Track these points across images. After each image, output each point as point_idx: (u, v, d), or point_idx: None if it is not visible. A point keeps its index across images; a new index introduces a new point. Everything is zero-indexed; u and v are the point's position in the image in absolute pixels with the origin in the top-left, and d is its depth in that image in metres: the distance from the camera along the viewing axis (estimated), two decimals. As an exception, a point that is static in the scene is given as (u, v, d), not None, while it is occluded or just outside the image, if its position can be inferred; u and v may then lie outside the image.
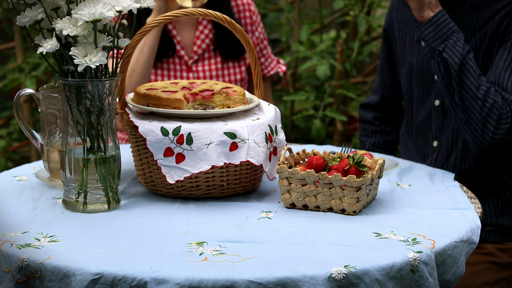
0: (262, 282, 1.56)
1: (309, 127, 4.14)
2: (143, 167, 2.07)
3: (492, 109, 2.31)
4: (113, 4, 1.86)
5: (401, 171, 2.29)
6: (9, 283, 1.67)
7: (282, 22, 4.31)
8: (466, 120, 2.34)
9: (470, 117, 2.34)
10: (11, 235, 1.78)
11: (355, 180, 1.90)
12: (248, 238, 1.78)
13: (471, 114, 2.33)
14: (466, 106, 2.33)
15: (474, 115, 2.33)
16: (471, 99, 2.32)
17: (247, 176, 2.06)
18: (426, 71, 2.55)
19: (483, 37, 2.44)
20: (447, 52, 2.33)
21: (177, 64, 2.85)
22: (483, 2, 2.45)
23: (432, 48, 2.34)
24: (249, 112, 2.11)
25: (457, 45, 2.33)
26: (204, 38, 2.87)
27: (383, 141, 2.80)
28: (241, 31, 2.04)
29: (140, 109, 2.06)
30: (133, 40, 1.96)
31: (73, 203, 1.94)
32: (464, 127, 2.36)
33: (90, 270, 1.60)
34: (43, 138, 2.15)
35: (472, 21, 2.46)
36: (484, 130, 2.33)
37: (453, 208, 1.98)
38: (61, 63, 1.90)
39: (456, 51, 2.33)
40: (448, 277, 1.77)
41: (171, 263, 1.63)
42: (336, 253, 1.69)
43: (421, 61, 2.57)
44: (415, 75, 2.59)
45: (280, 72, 3.09)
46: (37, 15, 1.88)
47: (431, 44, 2.34)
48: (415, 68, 2.58)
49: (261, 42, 3.01)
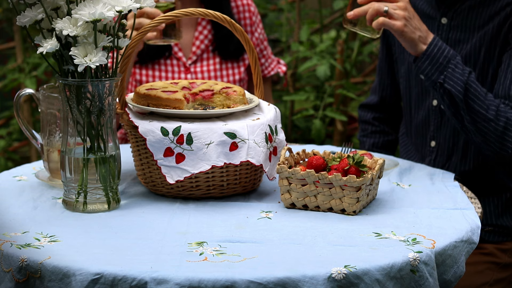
0: (262, 282, 1.56)
1: (309, 127, 4.14)
2: (143, 167, 2.07)
3: (507, 126, 2.30)
4: (113, 4, 1.86)
5: (401, 171, 2.29)
6: (9, 283, 1.67)
7: (282, 22, 4.31)
8: (483, 141, 2.32)
9: (486, 138, 2.32)
10: (11, 235, 1.78)
11: (355, 180, 1.90)
12: (248, 238, 1.78)
13: (486, 135, 2.31)
14: (479, 129, 2.31)
15: (489, 136, 2.31)
16: (483, 121, 2.30)
17: (247, 176, 2.06)
18: None
19: (483, 38, 2.44)
20: (448, 83, 2.29)
21: (175, 66, 2.85)
22: (481, 2, 2.45)
23: (433, 82, 2.30)
24: (249, 112, 2.11)
25: (456, 72, 2.29)
26: (203, 39, 2.87)
27: (383, 141, 2.80)
28: (241, 31, 2.04)
29: (140, 109, 2.06)
30: (133, 40, 1.96)
31: (73, 203, 1.94)
32: (483, 146, 2.34)
33: (90, 270, 1.60)
34: (43, 138, 2.15)
35: (471, 21, 2.46)
36: (503, 148, 2.31)
37: (453, 208, 1.98)
38: (61, 63, 1.90)
39: (456, 79, 2.29)
40: (448, 277, 1.77)
41: (171, 263, 1.63)
42: (336, 253, 1.69)
43: None
44: (414, 76, 2.59)
45: (280, 72, 3.09)
46: (37, 15, 1.88)
47: (431, 78, 2.30)
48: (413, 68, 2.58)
49: (261, 42, 3.01)
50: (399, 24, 2.25)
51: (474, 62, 2.46)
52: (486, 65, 2.44)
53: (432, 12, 2.53)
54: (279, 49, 4.55)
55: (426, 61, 2.29)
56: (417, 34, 2.28)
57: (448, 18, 2.50)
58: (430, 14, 2.54)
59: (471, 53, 2.46)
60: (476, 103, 2.29)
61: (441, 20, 2.51)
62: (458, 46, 2.48)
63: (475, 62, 2.45)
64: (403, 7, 2.27)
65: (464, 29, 2.47)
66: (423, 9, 2.55)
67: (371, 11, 2.25)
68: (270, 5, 4.58)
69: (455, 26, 2.49)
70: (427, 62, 2.29)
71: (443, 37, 2.50)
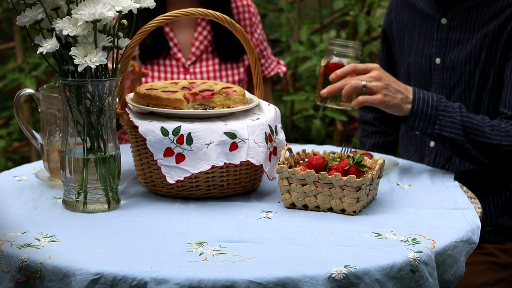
0: (262, 282, 1.56)
1: (309, 127, 4.14)
2: (143, 167, 2.06)
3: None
4: (113, 4, 1.86)
5: (401, 171, 2.29)
6: (9, 283, 1.67)
7: (282, 22, 4.31)
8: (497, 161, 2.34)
9: (498, 160, 2.32)
10: (11, 235, 1.78)
11: (355, 180, 1.90)
12: (248, 238, 1.78)
13: (498, 158, 2.32)
14: (488, 156, 2.31)
15: (500, 157, 2.31)
16: (490, 149, 2.29)
17: (247, 176, 2.06)
18: (424, 71, 2.55)
19: (484, 40, 2.44)
20: (444, 131, 2.26)
21: (174, 66, 2.85)
22: (481, 3, 2.45)
23: (429, 135, 2.28)
24: (249, 112, 2.11)
25: (447, 116, 2.26)
26: (203, 39, 2.87)
27: (383, 142, 2.80)
28: (241, 31, 2.04)
29: (140, 109, 2.06)
30: (133, 40, 1.96)
31: (73, 203, 1.94)
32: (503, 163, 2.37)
33: (90, 270, 1.60)
34: (43, 138, 2.15)
35: (471, 21, 2.46)
36: None
37: (453, 208, 1.98)
38: (61, 63, 1.90)
39: (451, 123, 2.26)
40: (448, 277, 1.77)
41: (171, 263, 1.63)
42: (336, 253, 1.69)
43: (419, 61, 2.57)
44: (413, 76, 2.59)
45: (280, 73, 3.09)
46: (37, 15, 1.88)
47: (426, 132, 2.27)
48: (413, 69, 2.58)
49: (260, 43, 3.01)
50: (379, 97, 2.20)
51: (475, 64, 2.46)
52: (487, 68, 2.44)
53: (432, 12, 2.53)
54: (279, 49, 4.55)
55: (416, 119, 2.25)
56: (398, 97, 2.23)
57: (448, 18, 2.50)
58: (430, 14, 2.54)
59: (472, 54, 2.46)
60: (478, 135, 2.27)
61: (441, 20, 2.51)
62: (458, 46, 2.48)
63: (475, 64, 2.45)
64: (378, 76, 2.21)
65: (464, 29, 2.47)
66: (423, 9, 2.55)
67: (348, 88, 2.18)
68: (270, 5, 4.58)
69: (455, 26, 2.49)
70: (417, 120, 2.25)
71: (443, 37, 2.50)
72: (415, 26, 2.59)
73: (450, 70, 2.50)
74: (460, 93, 2.49)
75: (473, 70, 2.46)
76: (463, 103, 2.48)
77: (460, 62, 2.48)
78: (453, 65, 2.49)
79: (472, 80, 2.47)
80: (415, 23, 2.58)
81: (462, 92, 2.49)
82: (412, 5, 2.60)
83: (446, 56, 2.50)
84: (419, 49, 2.57)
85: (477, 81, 2.46)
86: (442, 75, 2.52)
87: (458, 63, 2.48)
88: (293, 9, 4.32)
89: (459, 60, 2.48)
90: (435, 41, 2.53)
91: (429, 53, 2.54)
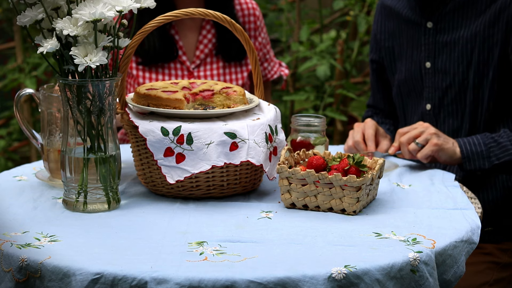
0: (262, 282, 1.56)
1: (309, 127, 4.13)
2: (143, 167, 2.07)
3: None
4: (114, 4, 1.86)
5: (401, 171, 2.29)
6: (9, 283, 1.67)
7: (282, 22, 4.31)
8: None
9: None
10: (11, 235, 1.78)
11: (355, 180, 1.90)
12: (248, 238, 1.78)
13: None
14: None
15: None
16: None
17: (247, 176, 2.06)
18: (415, 77, 2.55)
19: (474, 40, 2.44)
20: (502, 158, 2.34)
21: (179, 70, 2.84)
22: (465, 3, 2.45)
23: (491, 169, 2.35)
24: (249, 112, 2.11)
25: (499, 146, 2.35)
26: (207, 42, 2.86)
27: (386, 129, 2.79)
28: (241, 31, 2.04)
29: (140, 109, 2.06)
30: (133, 40, 1.96)
31: (73, 203, 1.94)
32: None
33: (90, 270, 1.60)
34: (43, 138, 2.15)
35: (458, 22, 2.47)
36: None
37: (453, 208, 1.98)
38: (61, 63, 1.90)
39: (504, 149, 2.34)
40: (448, 277, 1.77)
41: (171, 263, 1.63)
42: (336, 253, 1.69)
43: (409, 67, 2.57)
44: (405, 82, 2.59)
45: (283, 75, 3.10)
46: (37, 15, 1.88)
47: (486, 168, 2.34)
48: (405, 76, 2.59)
49: (264, 47, 3.01)
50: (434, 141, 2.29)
51: (468, 64, 2.46)
52: (482, 67, 2.44)
53: (416, 18, 2.54)
54: (279, 49, 4.55)
55: (471, 160, 2.34)
56: (450, 142, 2.33)
57: (433, 22, 2.50)
58: (415, 21, 2.54)
59: (463, 55, 2.46)
60: None
61: (427, 25, 2.51)
62: (447, 48, 2.48)
63: (468, 64, 2.46)
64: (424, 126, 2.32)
65: (451, 31, 2.47)
66: (408, 16, 2.55)
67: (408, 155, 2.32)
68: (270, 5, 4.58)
69: (442, 29, 2.49)
70: (473, 162, 2.34)
71: (430, 41, 2.51)
72: (402, 34, 2.59)
73: (442, 73, 2.50)
74: (454, 94, 2.49)
75: (466, 71, 2.46)
76: (459, 104, 2.48)
77: (452, 64, 2.48)
78: (444, 67, 2.49)
79: (465, 80, 2.47)
80: (401, 30, 2.59)
81: (456, 93, 2.49)
82: (396, 14, 2.60)
83: (436, 59, 2.51)
84: (408, 56, 2.57)
85: (471, 81, 2.46)
86: (434, 78, 2.52)
87: (450, 65, 2.48)
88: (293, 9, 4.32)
89: (450, 62, 2.48)
90: (423, 46, 2.53)
91: (418, 59, 2.54)
